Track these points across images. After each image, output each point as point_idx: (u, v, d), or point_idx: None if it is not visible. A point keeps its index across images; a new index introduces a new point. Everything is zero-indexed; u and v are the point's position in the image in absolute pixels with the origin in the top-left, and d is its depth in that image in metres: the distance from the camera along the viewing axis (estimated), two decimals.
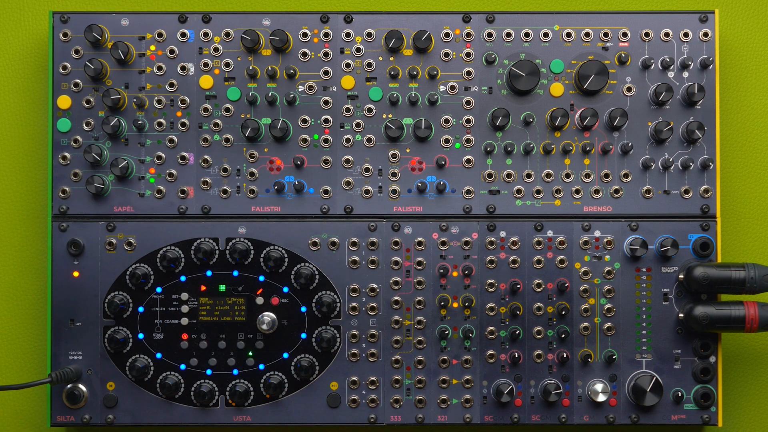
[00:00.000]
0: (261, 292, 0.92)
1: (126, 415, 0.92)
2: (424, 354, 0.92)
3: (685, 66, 0.92)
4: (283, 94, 0.92)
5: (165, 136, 0.92)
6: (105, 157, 0.92)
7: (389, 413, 0.92)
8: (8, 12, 0.97)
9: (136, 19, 0.92)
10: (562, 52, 0.93)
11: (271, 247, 0.92)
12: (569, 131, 0.93)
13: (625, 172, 0.92)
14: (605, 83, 0.91)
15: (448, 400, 0.92)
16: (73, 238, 0.91)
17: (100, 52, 0.92)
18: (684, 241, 0.92)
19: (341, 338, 0.92)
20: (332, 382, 0.92)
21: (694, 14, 0.92)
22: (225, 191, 0.92)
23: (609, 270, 0.92)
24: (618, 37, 0.92)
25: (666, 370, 0.92)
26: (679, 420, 0.92)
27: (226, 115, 0.92)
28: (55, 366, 0.92)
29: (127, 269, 0.92)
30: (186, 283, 0.92)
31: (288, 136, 0.92)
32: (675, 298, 0.92)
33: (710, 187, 0.92)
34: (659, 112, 0.92)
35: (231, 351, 0.92)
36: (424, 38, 0.91)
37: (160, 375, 0.92)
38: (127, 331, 0.92)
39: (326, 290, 0.92)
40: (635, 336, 0.92)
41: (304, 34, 0.92)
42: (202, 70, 0.92)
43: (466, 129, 0.92)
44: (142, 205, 0.92)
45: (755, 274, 0.89)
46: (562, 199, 0.93)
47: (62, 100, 0.92)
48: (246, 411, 0.92)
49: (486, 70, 0.93)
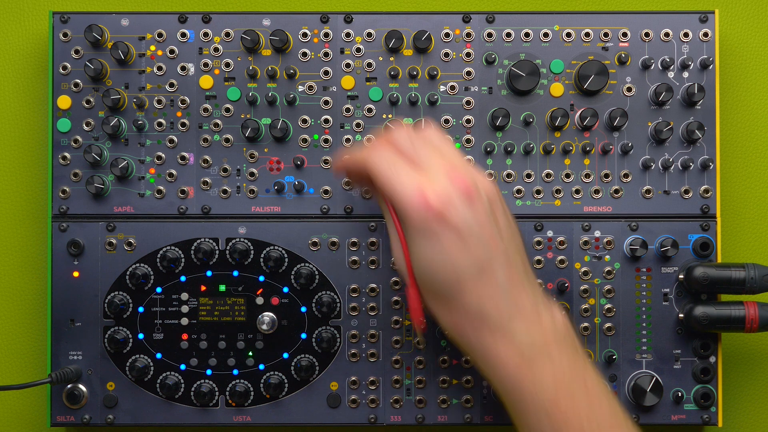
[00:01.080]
0: (261, 292, 0.92)
1: (126, 415, 0.92)
2: (424, 354, 0.92)
3: (685, 66, 0.92)
4: (283, 94, 0.92)
5: (165, 136, 0.92)
6: (105, 157, 0.92)
7: (389, 413, 0.92)
8: (8, 12, 0.97)
9: (136, 19, 0.92)
10: (562, 52, 0.93)
11: (271, 247, 0.92)
12: (569, 131, 0.93)
13: (625, 172, 0.92)
14: (605, 83, 0.91)
15: (448, 400, 0.92)
16: (73, 238, 0.91)
17: (100, 52, 0.92)
18: (684, 241, 0.92)
19: (341, 338, 0.92)
20: (332, 382, 0.92)
21: (694, 14, 0.92)
22: (225, 191, 0.92)
23: (609, 270, 0.92)
24: (618, 37, 0.92)
25: (666, 370, 0.92)
26: (679, 420, 0.92)
27: (226, 115, 0.92)
28: (55, 366, 0.92)
29: (127, 269, 0.92)
30: (186, 283, 0.92)
31: (288, 136, 0.92)
32: (675, 298, 0.92)
33: (710, 187, 0.92)
34: (659, 112, 0.92)
35: (231, 351, 0.92)
36: (424, 38, 0.91)
37: (160, 375, 0.92)
38: (127, 332, 0.92)
39: (326, 290, 0.92)
40: (635, 336, 0.92)
41: (304, 34, 0.92)
42: (202, 70, 0.92)
43: (466, 129, 0.92)
44: (142, 205, 0.92)
45: (755, 274, 0.89)
46: (562, 199, 0.93)
47: (62, 100, 0.92)
48: (246, 411, 0.92)
49: (486, 70, 0.93)
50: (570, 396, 0.78)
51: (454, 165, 0.79)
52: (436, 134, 0.82)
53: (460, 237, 0.77)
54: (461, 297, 0.78)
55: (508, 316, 0.78)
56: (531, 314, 0.79)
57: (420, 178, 0.77)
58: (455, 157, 0.80)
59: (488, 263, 0.78)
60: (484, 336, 0.79)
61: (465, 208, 0.77)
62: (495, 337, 0.78)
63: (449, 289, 0.78)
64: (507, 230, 0.80)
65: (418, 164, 0.79)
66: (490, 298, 0.78)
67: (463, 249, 0.77)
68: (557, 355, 0.78)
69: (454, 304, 0.79)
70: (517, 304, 0.78)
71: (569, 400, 0.78)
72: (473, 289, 0.78)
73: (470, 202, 0.77)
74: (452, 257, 0.77)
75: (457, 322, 0.80)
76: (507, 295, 0.78)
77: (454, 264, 0.77)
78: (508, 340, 0.78)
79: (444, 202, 0.76)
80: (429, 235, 0.77)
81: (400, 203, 0.77)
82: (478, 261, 0.77)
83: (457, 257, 0.77)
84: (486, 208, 0.78)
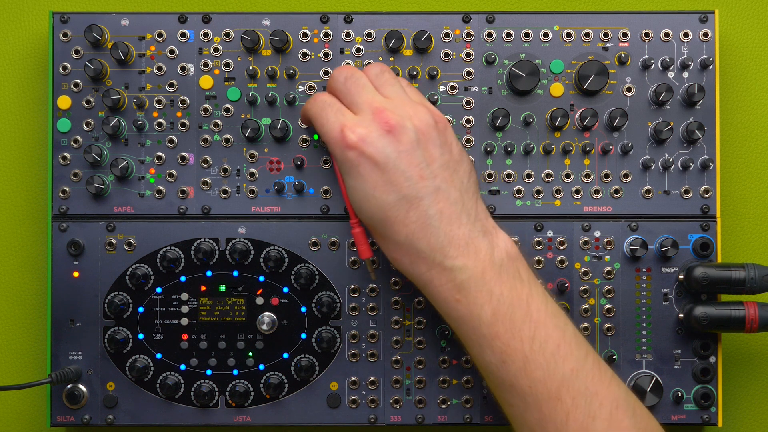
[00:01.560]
0: (261, 292, 0.92)
1: (126, 416, 0.92)
2: (424, 354, 0.92)
3: (685, 66, 0.92)
4: (283, 95, 0.92)
5: (165, 136, 0.92)
6: (105, 157, 0.92)
7: (389, 413, 0.92)
8: (8, 12, 0.97)
9: (136, 19, 0.92)
10: (562, 53, 0.93)
11: (271, 248, 0.92)
12: (569, 131, 0.93)
13: (625, 172, 0.92)
14: (605, 83, 0.91)
15: (448, 400, 0.92)
16: (73, 239, 0.91)
17: (100, 52, 0.92)
18: (684, 241, 0.92)
19: (341, 338, 0.92)
20: (332, 383, 0.92)
21: (694, 14, 0.92)
22: (225, 191, 0.92)
23: (609, 270, 0.92)
24: (618, 37, 0.92)
25: (666, 370, 0.92)
26: (679, 420, 0.92)
27: (226, 115, 0.92)
28: (55, 366, 0.92)
29: (127, 269, 0.92)
30: (186, 283, 0.92)
31: (288, 136, 0.92)
32: (675, 298, 0.92)
33: (710, 187, 0.92)
34: (659, 112, 0.92)
35: (231, 351, 0.92)
36: (424, 38, 0.91)
37: (160, 375, 0.92)
38: (127, 332, 0.92)
39: (326, 290, 0.92)
40: (635, 336, 0.92)
41: (304, 34, 0.92)
42: (202, 70, 0.92)
43: (466, 129, 0.92)
44: (142, 205, 0.92)
45: (755, 274, 0.89)
46: (562, 199, 0.93)
47: (62, 100, 0.92)
48: (246, 411, 0.92)
49: (486, 71, 0.93)
50: (510, 325, 0.79)
51: (383, 103, 0.82)
52: (387, 74, 0.86)
53: (381, 170, 0.80)
54: (392, 231, 0.81)
55: (441, 249, 0.80)
56: (466, 246, 0.80)
57: (344, 117, 0.82)
58: (396, 95, 0.84)
59: (415, 197, 0.80)
60: (420, 269, 0.81)
61: (384, 142, 0.80)
62: (432, 272, 0.81)
63: (380, 223, 0.82)
64: (441, 163, 0.81)
65: (350, 105, 0.83)
66: (421, 231, 0.80)
67: (385, 183, 0.80)
68: (496, 285, 0.80)
69: (388, 238, 0.82)
70: (449, 237, 0.80)
71: (510, 329, 0.79)
72: (402, 223, 0.80)
73: (391, 137, 0.80)
74: (376, 191, 0.80)
75: (395, 257, 0.83)
76: (438, 228, 0.80)
77: (379, 198, 0.80)
78: (444, 275, 0.80)
79: (361, 136, 0.80)
80: (349, 169, 0.81)
81: (327, 142, 0.83)
82: (403, 194, 0.80)
83: (381, 191, 0.80)
84: (411, 142, 0.81)
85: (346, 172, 0.82)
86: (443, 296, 0.81)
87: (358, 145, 0.80)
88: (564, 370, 0.78)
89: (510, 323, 0.79)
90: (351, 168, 0.81)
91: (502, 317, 0.79)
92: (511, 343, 0.79)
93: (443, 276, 0.80)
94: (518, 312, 0.79)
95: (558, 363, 0.78)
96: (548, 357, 0.78)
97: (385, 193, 0.80)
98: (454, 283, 0.80)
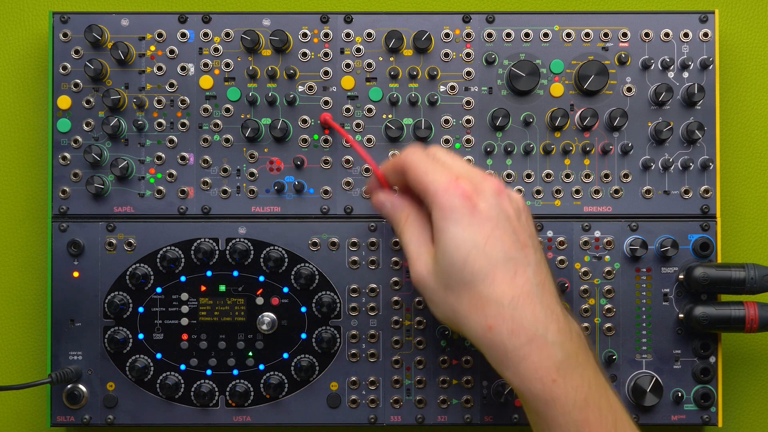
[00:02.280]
0: (261, 292, 0.92)
1: (126, 416, 0.92)
2: (424, 354, 0.92)
3: (685, 66, 0.92)
4: (283, 95, 0.92)
5: (165, 136, 0.92)
6: (105, 157, 0.92)
7: (389, 413, 0.92)
8: (8, 12, 0.97)
9: (136, 19, 0.92)
10: (562, 53, 0.93)
11: (271, 248, 0.92)
12: (569, 131, 0.92)
13: (625, 172, 0.92)
14: (605, 83, 0.91)
15: (448, 400, 0.92)
16: (73, 239, 0.91)
17: (100, 52, 0.92)
18: (684, 241, 0.92)
19: (341, 338, 0.92)
20: (332, 383, 0.92)
21: (694, 14, 0.92)
22: (225, 191, 0.92)
23: (609, 270, 0.92)
24: (618, 37, 0.92)
25: (666, 370, 0.92)
26: (679, 420, 0.92)
27: (226, 115, 0.92)
28: (55, 366, 0.92)
29: (127, 269, 0.92)
30: (186, 283, 0.92)
31: (288, 136, 0.92)
32: (675, 299, 0.92)
33: (710, 187, 0.92)
34: (659, 113, 0.92)
35: (231, 351, 0.92)
36: (424, 38, 0.91)
37: (160, 375, 0.92)
38: (127, 332, 0.92)
39: (326, 290, 0.92)
40: (635, 336, 0.92)
41: (304, 34, 0.92)
42: (202, 70, 0.92)
43: (466, 129, 0.92)
44: (142, 205, 0.92)
45: (755, 274, 0.89)
46: (562, 199, 0.93)
47: (62, 100, 0.92)
48: (246, 411, 0.92)
49: (486, 71, 0.93)
50: (598, 412, 0.75)
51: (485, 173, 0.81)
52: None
53: (493, 225, 0.77)
54: (498, 291, 0.76)
55: (544, 322, 0.75)
56: (564, 323, 0.76)
57: (457, 171, 0.79)
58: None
59: (522, 262, 0.77)
60: (519, 340, 0.75)
61: (496, 200, 0.78)
62: (531, 346, 0.75)
63: (485, 278, 0.76)
64: (538, 241, 0.80)
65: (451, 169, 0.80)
66: (526, 298, 0.76)
67: (496, 239, 0.76)
68: (585, 369, 0.76)
69: (489, 297, 0.76)
70: (550, 311, 0.76)
71: (598, 416, 0.75)
72: (509, 284, 0.76)
73: (501, 198, 0.78)
74: (487, 245, 0.76)
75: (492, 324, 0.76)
76: (541, 300, 0.76)
77: (489, 252, 0.76)
78: (545, 350, 0.75)
79: (476, 189, 0.78)
80: (459, 217, 0.77)
81: (433, 190, 0.78)
82: (511, 256, 0.76)
83: (492, 246, 0.76)
84: (517, 210, 0.79)
85: (451, 220, 0.77)
86: (539, 375, 0.75)
87: (473, 195, 0.77)
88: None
89: (598, 410, 0.75)
90: (461, 216, 0.76)
91: (593, 403, 0.75)
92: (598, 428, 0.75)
93: (544, 351, 0.75)
94: (603, 399, 0.76)
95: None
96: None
97: (495, 249, 0.76)
98: (553, 360, 0.75)
